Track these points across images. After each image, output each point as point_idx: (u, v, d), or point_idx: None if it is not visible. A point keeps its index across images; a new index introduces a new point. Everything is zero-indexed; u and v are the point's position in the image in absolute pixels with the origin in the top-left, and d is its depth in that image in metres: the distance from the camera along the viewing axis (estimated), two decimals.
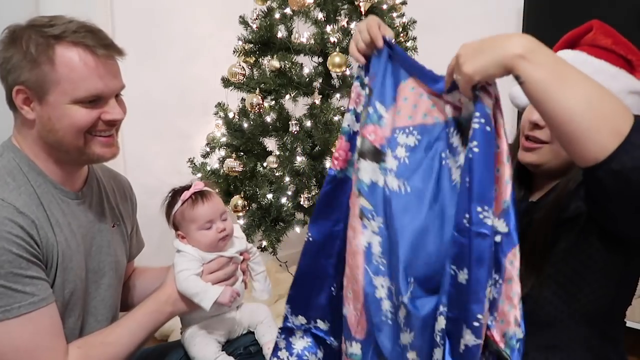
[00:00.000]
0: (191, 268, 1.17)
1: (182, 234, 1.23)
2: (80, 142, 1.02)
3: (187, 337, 1.25)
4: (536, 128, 1.02)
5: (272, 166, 2.10)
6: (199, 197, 1.22)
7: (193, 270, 1.17)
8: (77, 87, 0.98)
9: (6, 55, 0.98)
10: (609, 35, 1.01)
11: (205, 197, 1.22)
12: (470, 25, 2.93)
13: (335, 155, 1.02)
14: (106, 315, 1.17)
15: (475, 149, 0.77)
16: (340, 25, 2.13)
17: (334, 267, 1.06)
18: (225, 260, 1.22)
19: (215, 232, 1.21)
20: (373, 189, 0.94)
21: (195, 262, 1.18)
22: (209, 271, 1.20)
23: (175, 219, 1.23)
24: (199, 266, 1.19)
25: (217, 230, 1.21)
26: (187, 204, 1.21)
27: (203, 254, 1.20)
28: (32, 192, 1.01)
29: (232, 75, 2.16)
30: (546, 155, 1.02)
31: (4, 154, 1.03)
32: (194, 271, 1.17)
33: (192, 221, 1.21)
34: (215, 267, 1.20)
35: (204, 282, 1.17)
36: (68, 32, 0.97)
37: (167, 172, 2.58)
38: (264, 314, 1.31)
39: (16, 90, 0.98)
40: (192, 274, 1.16)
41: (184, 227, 1.22)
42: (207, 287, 1.16)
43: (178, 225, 1.23)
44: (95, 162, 1.10)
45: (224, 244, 1.24)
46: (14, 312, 0.94)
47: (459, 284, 0.80)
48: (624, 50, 0.99)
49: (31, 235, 0.96)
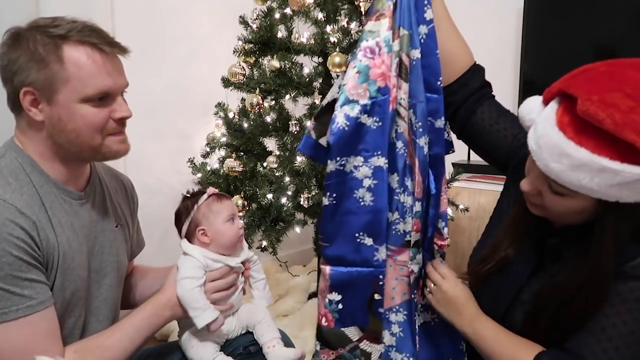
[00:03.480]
0: (195, 276, 1.17)
1: (202, 228, 1.23)
2: (97, 141, 1.03)
3: (185, 340, 1.25)
4: (529, 195, 0.96)
5: (272, 166, 2.10)
6: (222, 195, 1.29)
7: (197, 281, 1.17)
8: (87, 84, 0.98)
9: (11, 57, 0.98)
10: (601, 108, 0.76)
11: (225, 195, 1.30)
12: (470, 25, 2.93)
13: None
14: (107, 315, 1.17)
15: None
16: (340, 25, 2.12)
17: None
18: (227, 269, 1.23)
19: (237, 227, 1.25)
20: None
21: (200, 270, 1.19)
22: (211, 279, 1.20)
23: (200, 213, 1.24)
24: (203, 274, 1.19)
25: (239, 226, 1.25)
26: (213, 198, 1.26)
27: (209, 261, 1.20)
28: (34, 193, 1.01)
29: (232, 75, 2.15)
30: (547, 214, 0.97)
31: (6, 154, 1.03)
32: (198, 282, 1.17)
33: (219, 212, 1.24)
34: (217, 275, 1.21)
35: (205, 298, 1.17)
36: (74, 31, 0.98)
37: (167, 172, 2.59)
38: (262, 314, 1.31)
39: (24, 92, 0.98)
40: (196, 285, 1.16)
41: (209, 220, 1.23)
42: (205, 307, 1.16)
43: (201, 220, 1.24)
44: (111, 158, 1.10)
45: (240, 245, 1.28)
46: (12, 315, 0.94)
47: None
48: (622, 133, 0.75)
49: (32, 237, 0.96)
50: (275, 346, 1.25)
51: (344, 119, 1.01)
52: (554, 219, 0.99)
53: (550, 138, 0.82)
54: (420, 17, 1.05)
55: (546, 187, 0.90)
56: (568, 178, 0.82)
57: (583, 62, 1.08)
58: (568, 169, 0.81)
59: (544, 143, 0.84)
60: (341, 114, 1.01)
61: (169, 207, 2.50)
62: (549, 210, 0.94)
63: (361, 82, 1.01)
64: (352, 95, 1.01)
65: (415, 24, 1.04)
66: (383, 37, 1.02)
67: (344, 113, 1.01)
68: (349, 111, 1.01)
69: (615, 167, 0.77)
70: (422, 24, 1.06)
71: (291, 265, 3.03)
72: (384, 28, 1.02)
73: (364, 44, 1.02)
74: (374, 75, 1.02)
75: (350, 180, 1.05)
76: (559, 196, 0.88)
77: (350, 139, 1.02)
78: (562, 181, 0.83)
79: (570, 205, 0.88)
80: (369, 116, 1.02)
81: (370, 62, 1.02)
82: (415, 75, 1.04)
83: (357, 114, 1.01)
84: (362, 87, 1.01)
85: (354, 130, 1.02)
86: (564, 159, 0.80)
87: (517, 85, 2.59)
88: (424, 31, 1.06)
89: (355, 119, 1.01)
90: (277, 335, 1.28)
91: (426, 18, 1.05)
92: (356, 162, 1.04)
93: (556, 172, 0.83)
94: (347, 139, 1.02)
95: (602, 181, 0.79)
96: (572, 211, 0.90)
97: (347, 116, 1.01)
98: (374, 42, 1.02)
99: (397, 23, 1.04)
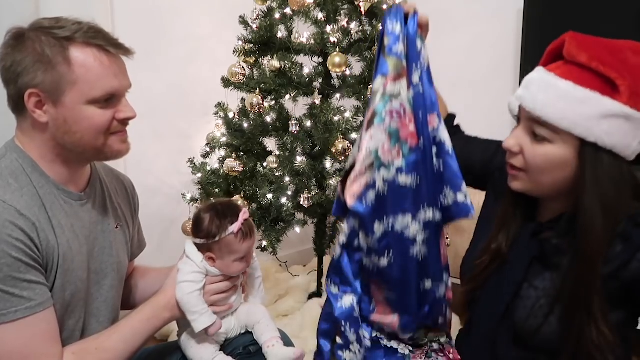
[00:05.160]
0: (195, 280, 1.17)
1: (212, 256, 1.20)
2: (100, 142, 1.03)
3: (184, 340, 1.25)
4: (511, 155, 1.01)
5: (272, 166, 2.10)
6: (249, 231, 1.21)
7: (196, 285, 1.17)
8: (94, 86, 0.98)
9: (16, 59, 0.97)
10: (583, 49, 0.90)
11: (252, 231, 1.23)
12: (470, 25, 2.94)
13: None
14: (108, 316, 1.17)
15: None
16: (340, 25, 2.13)
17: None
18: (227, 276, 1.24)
19: (245, 264, 1.24)
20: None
21: (199, 275, 1.19)
22: (211, 282, 1.20)
23: (218, 244, 1.19)
24: (202, 278, 1.19)
25: (248, 263, 1.24)
26: (238, 236, 1.19)
27: (211, 268, 1.20)
28: (34, 194, 1.00)
29: (232, 75, 2.16)
30: (527, 183, 1.00)
31: (7, 154, 1.03)
32: (198, 286, 1.17)
33: (235, 252, 1.20)
34: (217, 279, 1.22)
35: (204, 303, 1.17)
36: (80, 32, 0.98)
37: (167, 172, 2.59)
38: (261, 314, 1.31)
39: (29, 94, 0.98)
40: (196, 289, 1.16)
41: (221, 254, 1.20)
42: (204, 311, 1.16)
43: (215, 251, 1.20)
44: (113, 158, 1.10)
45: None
46: (11, 316, 0.93)
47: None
48: (602, 66, 0.88)
49: (31, 239, 0.96)
50: (274, 345, 1.25)
51: (382, 182, 1.03)
52: (536, 188, 1.00)
53: (539, 77, 0.94)
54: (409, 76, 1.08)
55: (528, 140, 0.96)
56: (553, 110, 0.90)
57: None
58: (554, 99, 0.90)
59: (532, 82, 0.95)
60: (379, 178, 1.03)
61: (169, 207, 2.54)
62: (530, 171, 0.97)
63: (394, 144, 1.04)
64: (386, 159, 1.04)
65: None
66: (405, 97, 1.05)
67: (382, 177, 1.04)
68: (386, 174, 1.03)
69: (596, 98, 0.87)
70: (410, 86, 1.08)
71: (291, 265, 3.03)
72: (404, 88, 1.05)
73: (388, 107, 1.04)
74: (404, 135, 1.04)
75: (405, 240, 1.06)
76: (540, 145, 0.94)
77: (393, 199, 1.04)
78: (546, 115, 0.91)
79: (551, 155, 0.93)
80: (407, 175, 1.04)
81: (398, 124, 1.04)
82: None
83: (394, 175, 1.04)
84: (395, 149, 1.04)
85: (395, 191, 1.04)
86: (550, 89, 0.91)
87: (517, 85, 2.59)
88: (410, 94, 1.09)
89: (393, 181, 1.04)
90: (276, 335, 1.28)
91: (413, 82, 1.07)
92: (405, 221, 1.05)
93: (542, 103, 0.91)
94: (390, 200, 1.04)
95: (583, 112, 0.88)
96: (553, 165, 0.94)
97: (384, 179, 1.04)
98: (398, 104, 1.04)
99: (411, 79, 1.07)
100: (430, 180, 1.04)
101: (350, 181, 1.06)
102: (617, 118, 0.88)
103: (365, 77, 2.17)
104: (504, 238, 1.07)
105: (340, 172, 2.12)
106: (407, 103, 1.04)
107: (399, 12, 1.03)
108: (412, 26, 1.02)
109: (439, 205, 1.04)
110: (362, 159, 1.04)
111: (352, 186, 1.05)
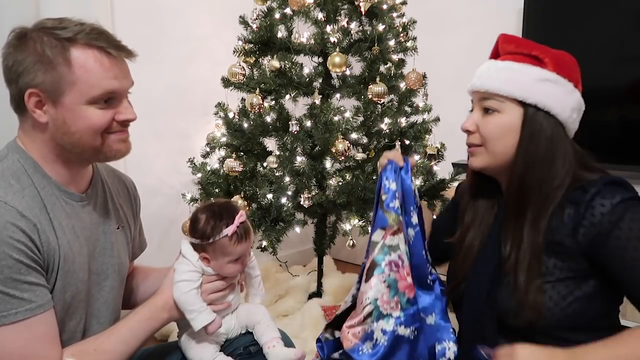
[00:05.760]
0: (192, 279, 1.17)
1: (206, 256, 1.20)
2: (98, 142, 1.03)
3: (184, 340, 1.25)
4: (469, 134, 1.11)
5: (272, 166, 2.10)
6: (244, 234, 1.20)
7: (193, 283, 1.17)
8: (93, 87, 0.98)
9: (17, 58, 0.98)
10: (511, 42, 1.11)
11: (247, 234, 1.22)
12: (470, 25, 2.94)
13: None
14: (109, 317, 1.17)
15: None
16: (340, 25, 2.13)
17: None
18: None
19: (240, 266, 1.23)
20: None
21: (196, 273, 1.19)
22: (208, 280, 1.20)
23: (212, 245, 1.19)
24: (198, 277, 1.19)
25: (243, 265, 1.24)
26: (232, 239, 1.18)
27: (206, 268, 1.20)
28: (35, 195, 1.00)
29: (232, 75, 2.15)
30: (485, 157, 1.09)
31: (8, 155, 1.03)
32: (195, 284, 1.17)
33: (230, 254, 1.20)
34: (214, 277, 1.22)
35: (202, 301, 1.17)
36: (82, 34, 0.98)
37: (167, 172, 2.59)
38: (262, 314, 1.31)
39: (29, 94, 0.98)
40: (193, 288, 1.16)
41: (215, 255, 1.20)
42: (202, 309, 1.16)
43: (209, 252, 1.20)
44: (113, 158, 1.09)
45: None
46: (11, 318, 0.93)
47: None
48: (527, 49, 1.08)
49: (32, 240, 0.96)
50: (275, 346, 1.25)
51: (381, 333, 1.07)
52: (493, 160, 1.08)
53: (485, 65, 1.11)
54: (408, 220, 1.15)
55: (481, 115, 1.09)
56: (497, 81, 1.05)
57: (583, 62, 1.10)
58: (495, 73, 1.07)
59: (480, 70, 1.11)
60: (378, 330, 1.07)
61: (169, 207, 2.55)
62: (486, 142, 1.07)
63: (392, 295, 1.09)
64: (385, 310, 1.08)
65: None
66: (403, 249, 1.12)
67: (381, 328, 1.07)
68: (385, 325, 1.07)
69: (529, 68, 1.05)
70: (409, 227, 1.15)
71: (291, 265, 3.03)
72: (402, 241, 1.12)
73: (387, 258, 1.10)
74: (402, 287, 1.10)
75: None
76: (491, 116, 1.07)
77: (391, 351, 1.07)
78: (492, 87, 1.06)
79: (500, 122, 1.06)
80: (405, 327, 1.08)
81: (397, 276, 1.10)
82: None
83: (393, 327, 1.07)
84: (394, 300, 1.09)
85: (393, 343, 1.07)
86: (492, 67, 1.08)
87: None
88: (412, 234, 1.16)
89: (392, 333, 1.07)
90: (277, 335, 1.28)
91: (412, 222, 1.16)
92: None
93: (487, 78, 1.07)
94: (389, 352, 1.07)
95: (520, 78, 1.04)
96: (504, 131, 1.05)
97: (384, 331, 1.07)
98: (396, 255, 1.10)
99: (411, 220, 1.16)
100: (427, 333, 1.10)
101: (346, 325, 1.12)
102: (548, 82, 1.04)
103: (365, 77, 2.17)
104: (475, 231, 1.15)
105: (340, 172, 2.13)
106: (405, 255, 1.11)
107: (393, 169, 1.13)
108: (407, 176, 1.14)
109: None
110: (362, 306, 1.08)
111: (349, 331, 1.10)
